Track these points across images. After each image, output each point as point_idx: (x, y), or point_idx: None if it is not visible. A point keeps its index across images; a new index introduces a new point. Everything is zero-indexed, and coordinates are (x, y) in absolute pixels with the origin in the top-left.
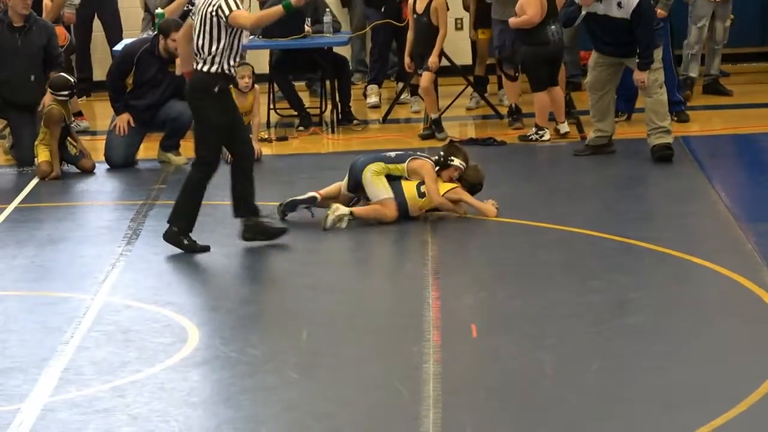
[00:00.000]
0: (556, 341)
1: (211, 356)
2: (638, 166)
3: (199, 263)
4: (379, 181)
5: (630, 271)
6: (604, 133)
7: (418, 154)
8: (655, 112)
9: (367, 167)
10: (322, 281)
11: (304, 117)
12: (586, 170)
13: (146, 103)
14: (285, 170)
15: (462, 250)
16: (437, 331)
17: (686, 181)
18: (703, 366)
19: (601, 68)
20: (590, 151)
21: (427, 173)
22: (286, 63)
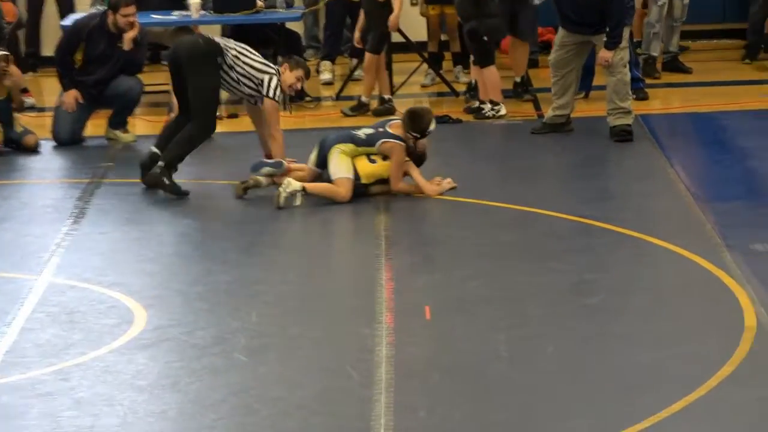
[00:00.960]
0: (512, 323)
1: (159, 338)
2: (596, 144)
3: (148, 242)
4: (344, 160)
5: (587, 252)
6: (563, 111)
7: (389, 133)
8: (616, 92)
9: (336, 146)
10: (273, 261)
11: None
12: (543, 149)
13: (95, 78)
14: (236, 148)
15: (415, 230)
16: (390, 313)
17: (645, 160)
18: (662, 348)
19: (568, 47)
20: (547, 129)
21: (395, 157)
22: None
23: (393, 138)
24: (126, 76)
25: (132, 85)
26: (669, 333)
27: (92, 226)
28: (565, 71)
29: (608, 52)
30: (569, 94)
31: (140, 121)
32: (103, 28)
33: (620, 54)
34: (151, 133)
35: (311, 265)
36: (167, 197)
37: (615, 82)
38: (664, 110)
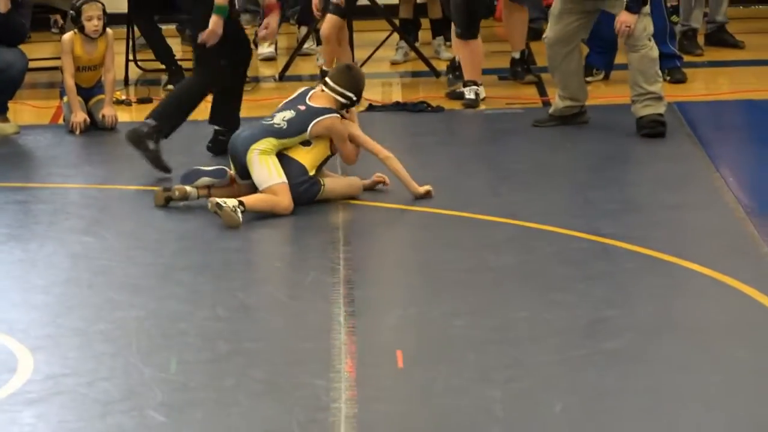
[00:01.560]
0: (509, 374)
1: (50, 391)
2: (618, 141)
3: (35, 266)
4: (268, 160)
5: (606, 281)
6: (574, 101)
7: (317, 109)
8: (642, 72)
9: (252, 147)
10: (199, 292)
11: (174, 72)
12: (549, 146)
13: None
14: None
15: (384, 251)
16: (351, 359)
17: (682, 162)
18: (702, 408)
19: (569, 17)
20: (555, 122)
21: (338, 134)
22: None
23: (323, 113)
24: (4, 47)
25: (11, 60)
26: (711, 388)
27: None
28: (567, 50)
29: (630, 15)
30: (578, 79)
31: (24, 108)
32: None
33: (643, 22)
34: (38, 122)
35: (247, 297)
36: (57, 208)
37: (639, 60)
38: (708, 96)
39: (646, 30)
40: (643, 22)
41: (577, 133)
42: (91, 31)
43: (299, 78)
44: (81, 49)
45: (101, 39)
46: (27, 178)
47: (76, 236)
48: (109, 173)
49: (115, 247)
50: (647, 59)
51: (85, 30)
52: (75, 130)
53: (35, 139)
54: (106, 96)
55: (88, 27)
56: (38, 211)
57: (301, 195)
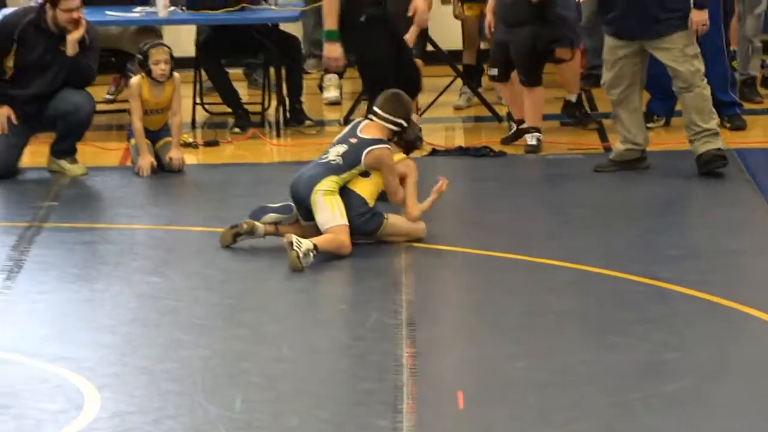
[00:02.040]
0: (569, 416)
1: (116, 429)
2: (678, 186)
3: (102, 306)
4: (332, 201)
5: (664, 325)
6: (636, 146)
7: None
8: (697, 110)
9: (315, 188)
10: (264, 332)
11: (240, 115)
12: (609, 191)
13: (31, 92)
14: (214, 185)
15: (445, 294)
16: (413, 400)
17: (740, 208)
18: None
19: (619, 59)
20: (616, 168)
21: (386, 166)
22: (217, 43)
23: (374, 144)
24: (72, 89)
25: (79, 102)
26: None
27: (31, 284)
28: (624, 92)
29: (701, 13)
30: (637, 120)
31: (92, 149)
32: (40, 26)
33: (693, 64)
34: (105, 163)
35: (312, 338)
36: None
37: (692, 99)
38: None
39: (699, 71)
40: (694, 63)
41: (638, 179)
42: (158, 75)
43: None
44: (148, 92)
45: (168, 83)
46: (94, 219)
47: (142, 276)
48: (176, 214)
49: (181, 288)
50: (700, 98)
51: (152, 74)
52: (142, 172)
53: (103, 180)
54: (173, 139)
55: (155, 71)
56: (105, 252)
57: (361, 226)
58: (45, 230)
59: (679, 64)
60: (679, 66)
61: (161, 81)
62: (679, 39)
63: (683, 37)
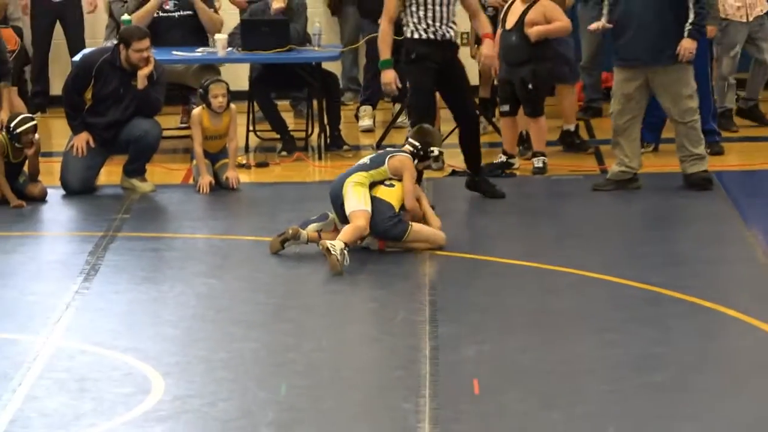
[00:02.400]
0: (569, 400)
1: (178, 410)
2: (665, 203)
3: (166, 304)
4: (360, 191)
5: (654, 323)
6: (630, 170)
7: (394, 151)
8: (688, 138)
9: (347, 181)
10: (305, 327)
11: (287, 141)
12: (605, 207)
13: (107, 120)
14: (265, 200)
15: (463, 295)
16: (434, 386)
17: (720, 223)
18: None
19: (628, 93)
20: (612, 186)
21: (407, 170)
22: (267, 79)
23: (398, 151)
24: (142, 118)
25: (148, 129)
26: (746, 418)
27: (105, 285)
28: (629, 121)
29: (690, 42)
30: (634, 148)
31: (159, 169)
32: (114, 63)
33: (687, 102)
34: (171, 182)
35: (347, 332)
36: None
37: (686, 129)
38: (742, 166)
39: (691, 108)
40: (688, 103)
41: (630, 196)
42: (216, 106)
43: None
44: (208, 121)
45: (226, 113)
46: (161, 229)
47: (201, 279)
48: (230, 226)
49: (234, 289)
50: (693, 129)
51: (211, 106)
52: (202, 190)
53: (168, 196)
54: (230, 161)
55: (214, 104)
56: (170, 258)
57: (388, 230)
58: (118, 239)
59: (674, 102)
60: (674, 104)
61: (219, 112)
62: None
63: (682, 73)
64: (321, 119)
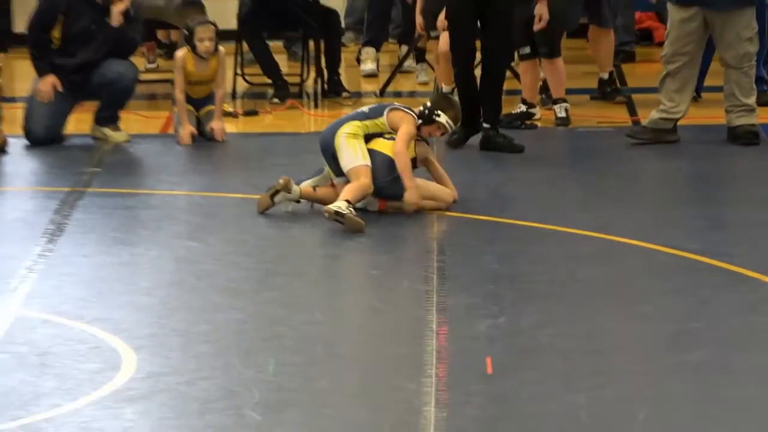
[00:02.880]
0: (595, 382)
1: (151, 389)
2: (706, 159)
3: (140, 269)
4: (355, 143)
5: (691, 295)
6: (673, 115)
7: (398, 105)
8: (739, 85)
9: (338, 131)
10: (297, 297)
11: (279, 86)
12: (637, 164)
13: (77, 62)
14: (254, 153)
15: (475, 262)
16: (442, 364)
17: (765, 182)
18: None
19: (684, 35)
20: (648, 135)
21: (405, 124)
22: (259, 17)
23: (401, 107)
24: (116, 59)
25: (123, 71)
26: None
27: (72, 247)
28: (680, 63)
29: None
30: (685, 93)
31: (135, 117)
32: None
33: (745, 46)
34: (147, 131)
35: (344, 302)
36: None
37: (736, 75)
38: None
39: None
40: (746, 46)
41: (666, 152)
42: (202, 51)
43: (399, 94)
44: (193, 66)
45: (213, 57)
46: (136, 185)
47: (181, 241)
48: (215, 182)
49: (218, 252)
50: (746, 76)
51: (197, 50)
52: (182, 141)
53: (145, 147)
54: (216, 110)
55: (200, 48)
56: (145, 217)
57: (387, 187)
58: (87, 195)
59: (732, 44)
60: (732, 46)
61: (205, 57)
62: (741, 18)
63: (744, 16)
64: (318, 62)
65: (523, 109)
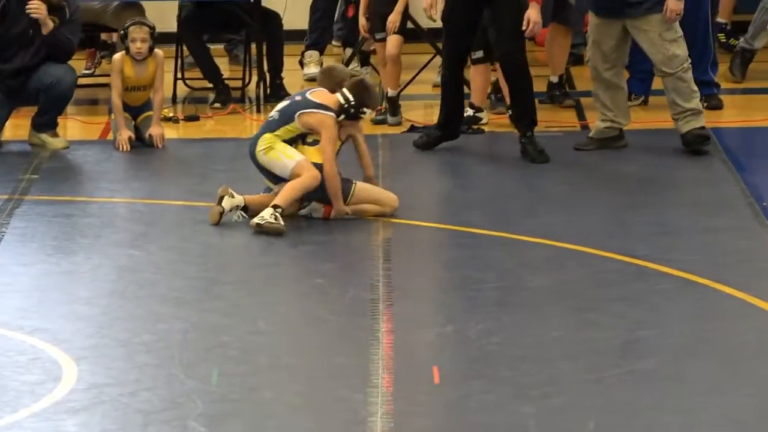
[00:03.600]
0: (544, 391)
1: (93, 400)
2: (653, 164)
3: (81, 278)
4: (276, 153)
5: (640, 302)
6: (616, 124)
7: (311, 101)
8: (677, 91)
9: (256, 152)
10: (240, 306)
11: (221, 90)
12: (587, 169)
13: (14, 66)
14: (195, 159)
15: (423, 270)
16: (389, 374)
17: (717, 187)
18: (732, 429)
19: (603, 34)
20: (595, 146)
21: (326, 131)
22: (199, 19)
23: (318, 108)
24: (54, 63)
25: (61, 76)
26: (743, 409)
27: (10, 256)
28: (609, 70)
29: (677, 2)
30: (619, 100)
31: (73, 123)
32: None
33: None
34: (86, 137)
35: (288, 312)
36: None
37: (671, 81)
38: (743, 122)
39: (676, 55)
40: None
41: (615, 156)
42: (134, 53)
43: None
44: (131, 69)
45: (151, 59)
46: (75, 192)
47: (121, 249)
48: (155, 188)
49: (160, 261)
50: (680, 80)
51: (130, 52)
52: (121, 147)
53: (84, 154)
54: (154, 115)
55: (132, 49)
56: (85, 225)
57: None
58: (25, 203)
59: (656, 47)
60: (655, 49)
61: (138, 59)
62: (657, 22)
63: (660, 20)
64: (260, 66)
65: (470, 114)
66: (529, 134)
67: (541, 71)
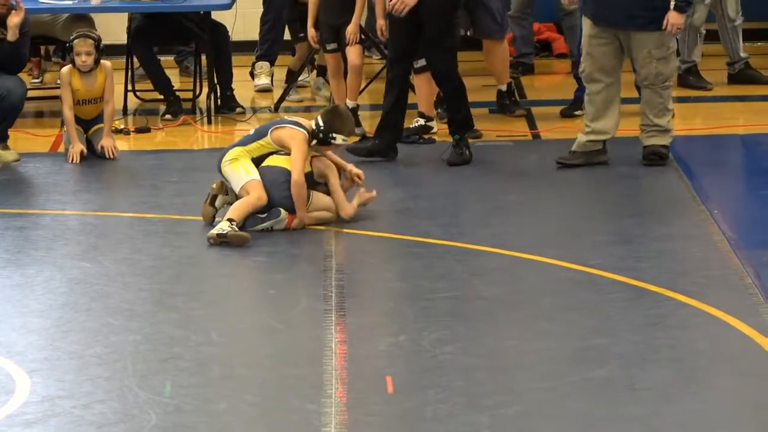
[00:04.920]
0: (498, 400)
1: (47, 413)
2: (606, 174)
3: (33, 291)
4: (238, 165)
5: (594, 311)
6: (600, 136)
7: (285, 122)
8: (651, 105)
9: (223, 161)
10: (193, 318)
11: (171, 102)
12: (538, 179)
13: None
14: (146, 171)
15: (376, 280)
16: (342, 384)
17: (668, 195)
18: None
19: (602, 47)
20: (579, 161)
21: (296, 144)
22: (148, 30)
23: (290, 124)
24: (4, 75)
25: (12, 87)
26: (698, 415)
27: None
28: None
29: (679, 16)
30: (611, 113)
31: (24, 135)
32: None
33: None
34: (37, 150)
35: (241, 323)
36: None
37: (649, 94)
38: (695, 131)
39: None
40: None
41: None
42: (79, 65)
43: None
44: (79, 82)
45: (99, 71)
46: (26, 205)
47: (73, 262)
48: (107, 201)
49: (112, 273)
50: (657, 95)
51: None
52: (72, 160)
53: (35, 166)
54: (105, 126)
55: (77, 62)
56: (37, 237)
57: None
58: None
59: (643, 62)
60: (643, 65)
61: (84, 71)
62: (650, 39)
63: (653, 37)
64: (210, 77)
65: (421, 123)
66: (457, 137)
67: (490, 80)
